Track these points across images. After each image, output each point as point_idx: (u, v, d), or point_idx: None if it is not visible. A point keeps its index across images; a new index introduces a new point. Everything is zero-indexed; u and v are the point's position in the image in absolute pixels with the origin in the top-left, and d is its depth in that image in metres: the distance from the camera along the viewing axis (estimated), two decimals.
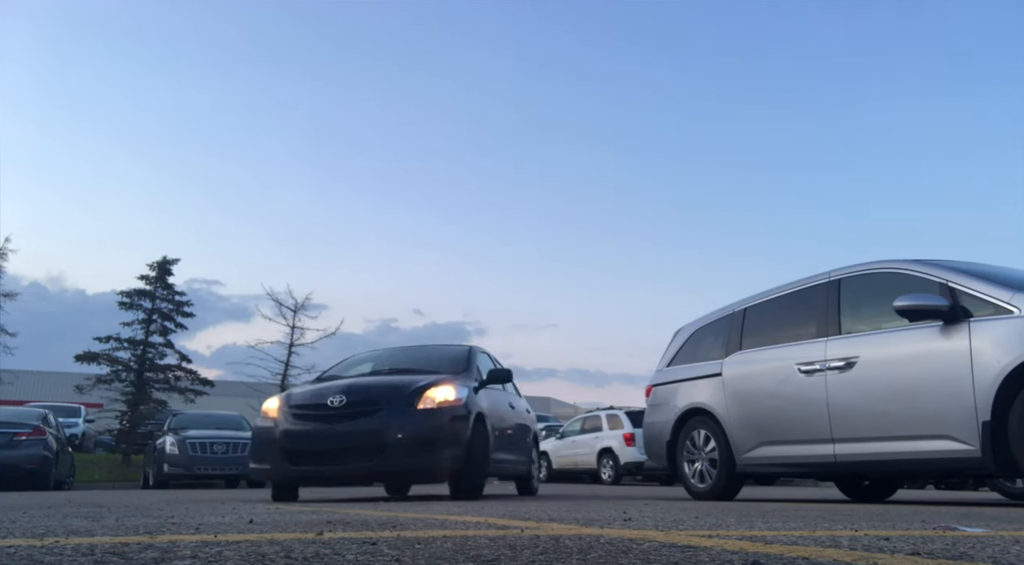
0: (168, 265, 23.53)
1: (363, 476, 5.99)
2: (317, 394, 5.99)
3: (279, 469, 5.79)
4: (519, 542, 1.69)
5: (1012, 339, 4.13)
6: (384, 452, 5.55)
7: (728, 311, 6.36)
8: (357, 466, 5.64)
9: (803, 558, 1.41)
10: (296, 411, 5.85)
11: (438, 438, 5.66)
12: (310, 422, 5.77)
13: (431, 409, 5.73)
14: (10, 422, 11.96)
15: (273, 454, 5.77)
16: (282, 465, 5.74)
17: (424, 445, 5.62)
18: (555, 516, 2.73)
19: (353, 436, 5.64)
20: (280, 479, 5.96)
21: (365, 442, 5.61)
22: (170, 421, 15.52)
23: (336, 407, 5.73)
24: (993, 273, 4.65)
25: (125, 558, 1.42)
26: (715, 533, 1.94)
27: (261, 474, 6.06)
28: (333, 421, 5.71)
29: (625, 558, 1.42)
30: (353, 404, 5.74)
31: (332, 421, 5.71)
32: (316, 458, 5.67)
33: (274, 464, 5.79)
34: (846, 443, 4.99)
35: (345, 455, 5.61)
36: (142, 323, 22.86)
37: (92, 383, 22.07)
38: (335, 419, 5.71)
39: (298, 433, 5.75)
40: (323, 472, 5.74)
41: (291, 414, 5.84)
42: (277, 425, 5.84)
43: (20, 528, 2.34)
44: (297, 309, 23.38)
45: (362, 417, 5.68)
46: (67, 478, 13.64)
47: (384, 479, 6.71)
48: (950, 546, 1.68)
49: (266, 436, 5.88)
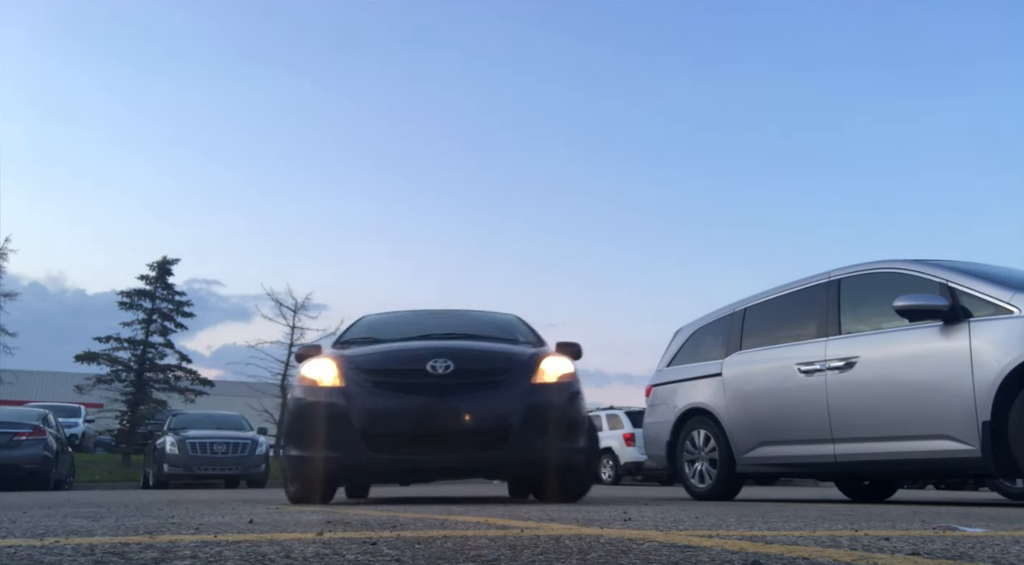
0: (168, 265, 23.57)
1: (482, 469, 4.74)
2: (407, 356, 4.60)
3: (355, 458, 4.27)
4: (519, 542, 1.69)
5: (1012, 339, 4.13)
6: (510, 438, 4.30)
7: (728, 311, 6.36)
8: (474, 456, 4.36)
9: (803, 558, 1.41)
10: (377, 378, 4.42)
11: (570, 421, 4.54)
12: (402, 394, 4.35)
13: (552, 384, 4.57)
14: (10, 422, 11.96)
15: (343, 437, 4.26)
16: (359, 452, 4.25)
17: (556, 430, 4.45)
18: (555, 516, 2.73)
19: (470, 415, 4.33)
20: (357, 471, 4.49)
21: (487, 424, 4.35)
22: (170, 421, 15.53)
23: (441, 375, 4.35)
24: (993, 273, 4.65)
25: (125, 558, 1.42)
26: (715, 533, 1.94)
27: (317, 464, 4.40)
28: (438, 394, 4.34)
29: (625, 558, 1.42)
30: (465, 373, 4.42)
31: (436, 394, 4.34)
32: (414, 444, 4.30)
33: (346, 451, 4.27)
34: (846, 443, 4.99)
35: (458, 441, 4.33)
36: (142, 323, 22.91)
37: (92, 383, 22.11)
38: (440, 391, 4.34)
39: (386, 410, 4.32)
40: (424, 463, 4.39)
41: (369, 382, 4.39)
42: (344, 397, 4.34)
43: (20, 528, 2.34)
44: (297, 309, 23.47)
45: (481, 390, 4.40)
46: (67, 478, 13.64)
47: (508, 474, 5.30)
48: (950, 546, 1.68)
49: (325, 412, 4.35)
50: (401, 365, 4.52)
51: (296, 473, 4.53)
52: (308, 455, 4.40)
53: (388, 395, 4.36)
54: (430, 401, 4.32)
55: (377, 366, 4.51)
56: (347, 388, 4.37)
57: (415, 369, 4.40)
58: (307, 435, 4.41)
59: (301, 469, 4.49)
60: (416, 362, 4.45)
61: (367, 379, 4.40)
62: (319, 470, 4.42)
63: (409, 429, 4.30)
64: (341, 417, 4.27)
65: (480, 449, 4.35)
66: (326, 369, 4.52)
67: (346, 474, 4.64)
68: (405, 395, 4.36)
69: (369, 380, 4.40)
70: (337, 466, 4.36)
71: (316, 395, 4.44)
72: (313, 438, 4.36)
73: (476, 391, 4.39)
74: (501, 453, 4.33)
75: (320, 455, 4.34)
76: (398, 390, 4.38)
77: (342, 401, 4.33)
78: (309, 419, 4.42)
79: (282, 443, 4.54)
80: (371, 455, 4.24)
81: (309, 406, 4.46)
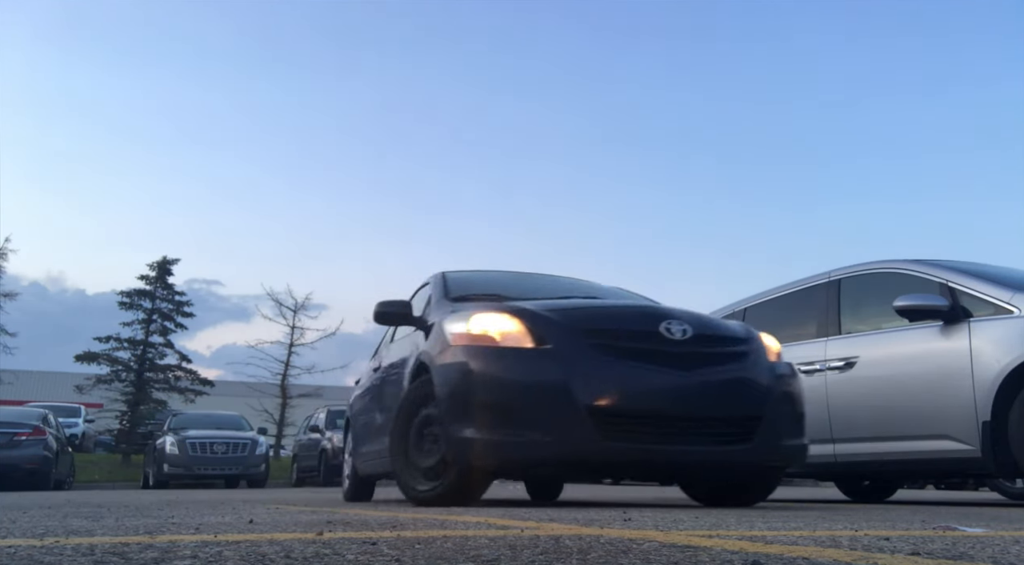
0: (168, 265, 23.59)
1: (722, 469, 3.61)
2: (633, 314, 3.69)
3: (578, 443, 3.22)
4: (519, 542, 1.69)
5: (1012, 339, 4.13)
6: (759, 430, 3.44)
7: (728, 311, 6.36)
8: (716, 451, 3.41)
9: (803, 558, 1.41)
10: (599, 340, 3.38)
11: (803, 411, 3.77)
12: (636, 363, 3.35)
13: (785, 364, 3.83)
14: (10, 422, 11.97)
15: (560, 415, 3.21)
16: (585, 437, 3.20)
17: (795, 422, 3.69)
18: (555, 516, 2.73)
19: (722, 395, 3.43)
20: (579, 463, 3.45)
21: (739, 410, 3.46)
22: (170, 421, 15.56)
23: (678, 340, 3.44)
24: (993, 273, 4.65)
25: (125, 558, 1.42)
26: (715, 533, 1.94)
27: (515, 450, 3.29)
28: (680, 365, 3.38)
29: (625, 558, 1.42)
30: (705, 340, 3.54)
31: (678, 365, 3.37)
32: (657, 430, 3.30)
33: (564, 434, 3.21)
34: (846, 443, 4.99)
35: (705, 430, 3.39)
36: (142, 323, 22.94)
37: (92, 383, 22.14)
38: (682, 362, 3.39)
39: (623, 381, 3.30)
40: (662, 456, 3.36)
41: (587, 344, 3.36)
42: (558, 362, 3.29)
43: (20, 528, 2.34)
44: (297, 309, 23.48)
45: (727, 365, 3.51)
46: (67, 478, 13.66)
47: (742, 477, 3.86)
48: (950, 546, 1.68)
49: (530, 381, 3.29)
50: (630, 325, 3.51)
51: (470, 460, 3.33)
52: (499, 439, 3.25)
53: (618, 362, 3.33)
54: (673, 374, 3.34)
55: (597, 324, 3.47)
56: (558, 350, 3.33)
57: (647, 331, 3.45)
58: (499, 410, 3.26)
59: (483, 456, 3.30)
60: (646, 322, 3.51)
61: (584, 340, 3.37)
62: (515, 458, 3.33)
63: (655, 408, 3.29)
64: (556, 388, 3.23)
65: (725, 442, 3.42)
66: (514, 324, 3.44)
67: (561, 465, 3.52)
68: (640, 364, 3.34)
69: (587, 341, 3.36)
70: (551, 454, 3.26)
71: (510, 358, 3.36)
72: (509, 415, 3.24)
73: (720, 366, 3.48)
74: (748, 450, 3.42)
75: (524, 438, 3.22)
76: (629, 357, 3.35)
77: (555, 367, 3.28)
78: (502, 389, 3.30)
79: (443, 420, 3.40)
80: (601, 441, 3.19)
81: (500, 371, 3.34)
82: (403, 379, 4.20)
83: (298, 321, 23.61)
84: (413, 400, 3.81)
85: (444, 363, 3.53)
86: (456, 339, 3.55)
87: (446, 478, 3.51)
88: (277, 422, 23.16)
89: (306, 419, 17.83)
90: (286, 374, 23.48)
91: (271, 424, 22.05)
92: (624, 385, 3.30)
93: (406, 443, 3.82)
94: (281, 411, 23.47)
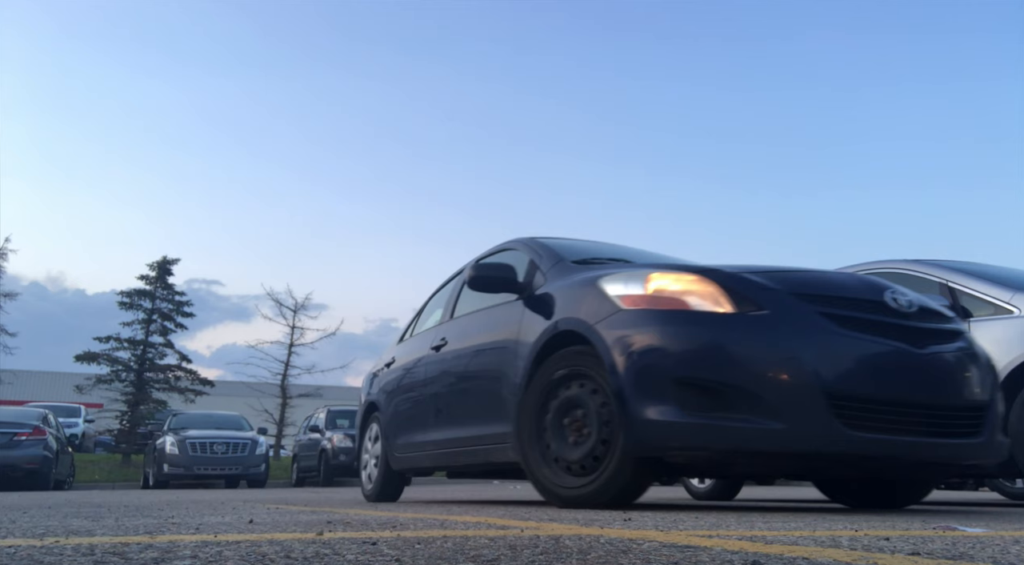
0: (168, 265, 23.57)
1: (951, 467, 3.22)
2: (854, 280, 3.13)
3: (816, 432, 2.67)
4: (519, 542, 1.69)
5: (1012, 339, 4.14)
6: (988, 417, 3.01)
7: None
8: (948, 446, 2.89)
9: (803, 558, 1.41)
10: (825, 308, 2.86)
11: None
12: (869, 337, 2.83)
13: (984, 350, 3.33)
14: (10, 422, 11.98)
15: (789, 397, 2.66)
16: (823, 424, 2.66)
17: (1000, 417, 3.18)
18: (555, 516, 2.73)
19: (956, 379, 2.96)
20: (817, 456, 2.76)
21: (971, 397, 2.98)
22: (170, 421, 15.56)
23: (907, 313, 2.99)
24: (993, 273, 4.65)
25: (125, 558, 1.42)
26: (715, 533, 1.94)
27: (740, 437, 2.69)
28: (915, 342, 2.91)
29: (625, 558, 1.42)
30: (930, 314, 3.11)
31: (913, 341, 2.90)
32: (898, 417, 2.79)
33: (797, 421, 2.65)
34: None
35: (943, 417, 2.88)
36: (142, 323, 22.91)
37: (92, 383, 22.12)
38: (916, 338, 2.93)
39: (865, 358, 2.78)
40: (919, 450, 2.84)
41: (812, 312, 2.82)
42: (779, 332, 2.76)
43: (20, 528, 2.34)
44: (297, 309, 23.49)
45: (956, 342, 3.05)
46: (67, 478, 13.66)
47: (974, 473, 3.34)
48: (950, 546, 1.68)
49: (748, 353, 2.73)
50: (854, 292, 3.00)
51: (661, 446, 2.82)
52: (708, 423, 2.71)
53: (852, 335, 2.80)
54: (910, 353, 2.85)
55: (816, 290, 2.93)
56: (777, 317, 2.78)
57: (873, 301, 2.97)
58: (710, 388, 2.74)
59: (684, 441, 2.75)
60: (870, 290, 3.03)
61: (808, 307, 2.83)
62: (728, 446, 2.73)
63: (898, 393, 2.79)
64: (786, 362, 2.69)
65: (957, 435, 2.91)
66: (707, 286, 2.92)
67: (794, 458, 2.81)
68: (874, 339, 2.83)
69: (811, 308, 2.83)
70: (782, 444, 2.67)
71: (717, 324, 2.82)
72: (724, 394, 2.72)
73: (947, 344, 3.00)
74: (978, 445, 2.96)
75: (748, 424, 2.67)
76: (859, 330, 2.84)
77: (778, 336, 2.74)
78: (716, 361, 2.75)
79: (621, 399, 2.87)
80: (844, 430, 2.66)
81: (708, 339, 2.79)
82: (512, 357, 3.66)
83: (298, 321, 23.64)
84: (550, 380, 3.31)
85: (617, 330, 2.96)
86: (630, 302, 3.01)
87: (601, 473, 3.00)
88: (277, 422, 23.17)
89: (306, 419, 17.84)
90: (286, 374, 23.49)
91: (271, 424, 22.07)
92: (865, 363, 2.78)
93: (543, 432, 3.31)
94: (281, 411, 23.47)
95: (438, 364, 4.54)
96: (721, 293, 2.88)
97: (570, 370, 3.23)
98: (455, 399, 4.29)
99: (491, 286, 3.95)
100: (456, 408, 4.26)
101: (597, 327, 3.07)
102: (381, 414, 5.36)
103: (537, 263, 3.97)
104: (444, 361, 4.47)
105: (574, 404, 3.21)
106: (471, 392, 4.14)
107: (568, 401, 3.23)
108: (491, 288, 3.96)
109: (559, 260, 3.86)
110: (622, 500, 3.08)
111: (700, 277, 2.98)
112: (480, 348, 4.11)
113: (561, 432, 3.25)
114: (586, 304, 3.22)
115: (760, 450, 2.73)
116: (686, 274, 3.02)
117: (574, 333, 3.22)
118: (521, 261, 4.11)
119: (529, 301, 3.74)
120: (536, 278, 3.87)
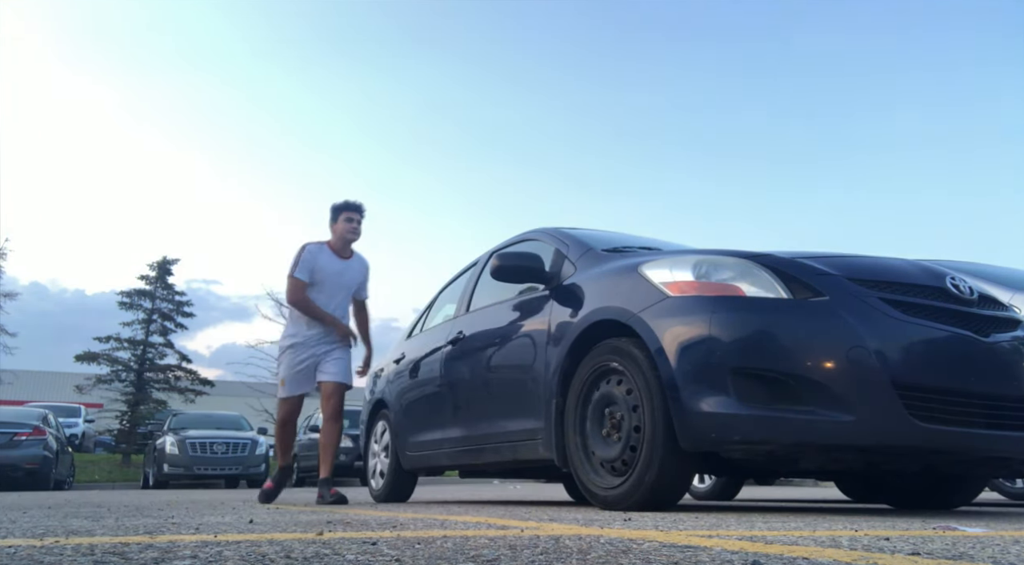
0: (168, 265, 23.61)
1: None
2: (915, 267, 2.98)
3: (887, 426, 2.53)
4: (519, 542, 1.69)
5: None
6: None
7: None
8: (1020, 438, 2.74)
9: (803, 558, 1.41)
10: (889, 294, 2.75)
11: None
12: (934, 324, 2.73)
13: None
14: (10, 422, 12.00)
15: (857, 388, 2.52)
16: (898, 416, 2.52)
17: None
18: (555, 516, 2.73)
19: (1019, 366, 2.82)
20: (889, 450, 2.62)
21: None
22: (170, 421, 15.57)
23: (968, 299, 2.90)
24: (993, 273, 4.65)
25: (125, 558, 1.42)
26: (715, 533, 1.94)
27: (808, 430, 2.54)
28: (980, 330, 2.81)
29: (625, 558, 1.42)
30: (991, 301, 3.04)
31: (978, 329, 2.80)
32: (967, 409, 2.67)
33: (869, 412, 2.51)
34: None
35: (1012, 410, 2.76)
36: (142, 323, 22.95)
37: (92, 383, 22.15)
38: (981, 326, 2.83)
39: (933, 347, 2.68)
40: (995, 444, 2.72)
41: (875, 298, 2.70)
42: (845, 320, 2.60)
43: (20, 528, 2.34)
44: None
45: (1017, 331, 2.95)
46: (67, 478, 13.67)
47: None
48: (950, 546, 1.68)
49: (812, 341, 2.59)
50: (915, 278, 2.87)
51: (719, 440, 2.63)
52: (772, 415, 2.56)
53: (917, 323, 2.69)
54: (976, 341, 2.74)
55: (877, 275, 2.81)
56: (839, 304, 2.65)
57: (935, 287, 2.86)
58: (772, 379, 2.60)
59: (745, 434, 2.58)
60: (931, 275, 2.91)
61: (869, 294, 2.70)
62: (795, 439, 2.57)
63: (966, 383, 2.68)
64: (853, 351, 2.56)
65: (1022, 428, 2.76)
66: (760, 271, 2.78)
67: (863, 451, 2.64)
68: (940, 327, 2.73)
69: (873, 296, 2.70)
70: (851, 437, 2.53)
71: (775, 311, 2.67)
72: (787, 385, 2.58)
73: (1010, 333, 2.90)
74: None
75: (815, 416, 2.53)
76: (924, 317, 2.73)
77: (842, 323, 2.60)
78: (777, 350, 2.61)
79: (674, 389, 2.71)
80: (915, 423, 2.53)
81: (767, 326, 2.65)
82: (542, 349, 3.49)
83: None
84: (591, 373, 3.15)
85: (665, 319, 2.80)
86: (677, 289, 2.85)
87: (641, 471, 2.83)
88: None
89: (306, 419, 17.83)
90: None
91: (271, 424, 22.06)
92: (932, 352, 2.67)
93: (583, 428, 3.17)
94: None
95: (457, 358, 4.32)
96: (776, 279, 2.73)
97: (612, 363, 3.04)
98: (477, 394, 4.07)
99: (516, 276, 3.78)
100: (479, 404, 4.03)
101: (642, 316, 2.89)
102: (390, 411, 5.14)
103: (564, 252, 3.80)
104: (464, 355, 4.25)
105: (610, 401, 3.06)
106: (495, 387, 3.93)
107: (609, 396, 3.06)
108: (516, 278, 3.79)
109: (588, 249, 3.67)
110: (666, 498, 2.91)
111: (753, 262, 2.82)
112: (505, 341, 3.90)
113: (600, 427, 3.09)
114: (627, 292, 3.03)
115: (829, 444, 2.57)
116: (737, 259, 2.86)
117: (615, 323, 3.03)
118: (545, 251, 3.93)
119: (558, 291, 3.56)
120: (565, 267, 3.68)
